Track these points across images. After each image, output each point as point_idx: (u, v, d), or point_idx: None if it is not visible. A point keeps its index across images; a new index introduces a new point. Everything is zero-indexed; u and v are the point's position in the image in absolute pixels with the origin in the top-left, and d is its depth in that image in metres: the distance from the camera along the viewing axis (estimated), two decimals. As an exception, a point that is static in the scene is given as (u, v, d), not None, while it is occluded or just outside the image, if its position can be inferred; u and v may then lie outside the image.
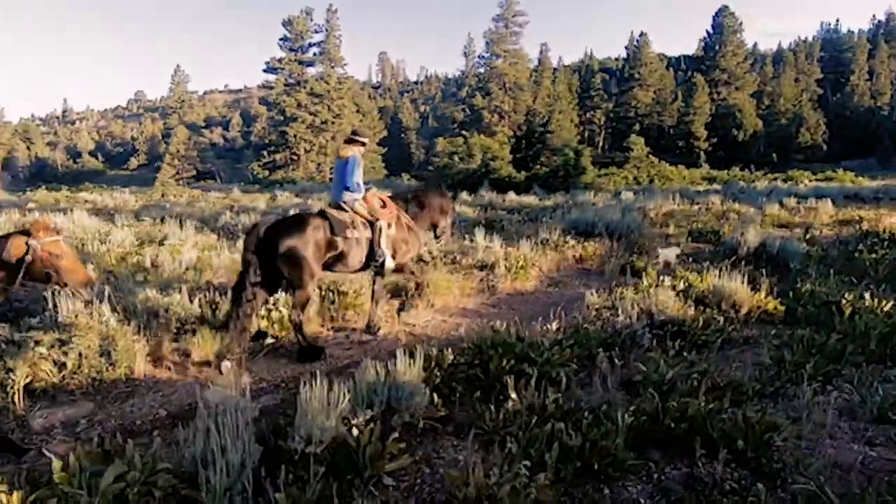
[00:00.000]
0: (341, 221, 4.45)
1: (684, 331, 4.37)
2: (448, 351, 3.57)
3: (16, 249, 2.88)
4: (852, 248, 7.85)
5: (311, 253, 4.17)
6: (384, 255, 4.63)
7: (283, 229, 4.20)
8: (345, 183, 4.61)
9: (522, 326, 4.20)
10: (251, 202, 14.57)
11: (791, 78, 51.20)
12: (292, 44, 37.26)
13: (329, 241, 4.33)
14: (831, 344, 4.11)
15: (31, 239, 2.92)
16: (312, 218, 4.38)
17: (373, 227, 4.61)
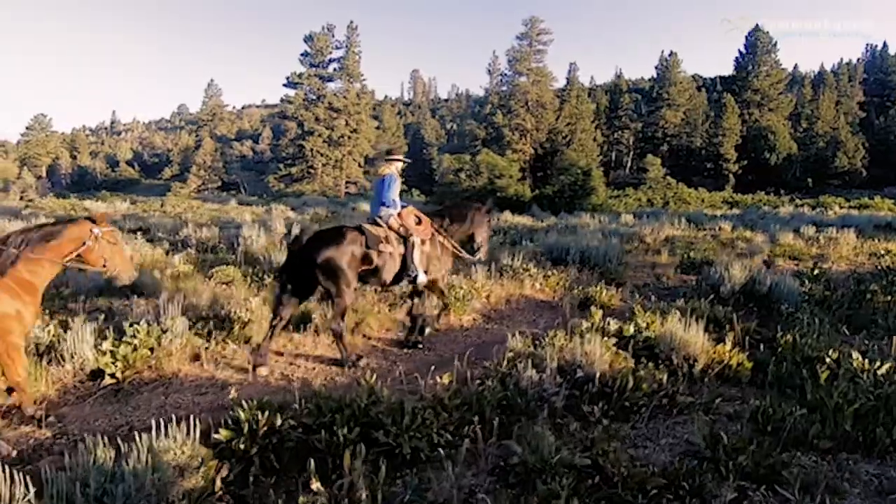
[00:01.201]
0: (376, 236, 4.60)
1: (607, 392, 3.53)
2: (277, 413, 2.85)
3: (78, 234, 3.25)
4: (865, 288, 6.76)
5: (346, 263, 4.34)
6: (416, 270, 4.72)
7: (322, 241, 4.40)
8: (381, 199, 4.80)
9: (424, 374, 3.48)
10: (237, 215, 14.27)
11: (831, 100, 48.84)
12: (313, 59, 37.74)
13: (364, 254, 4.48)
14: (793, 420, 3.21)
15: (94, 226, 3.31)
16: (349, 231, 4.54)
17: (406, 242, 4.70)
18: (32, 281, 3.15)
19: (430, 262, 4.87)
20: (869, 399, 3.40)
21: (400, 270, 4.69)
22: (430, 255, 4.89)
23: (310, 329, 4.72)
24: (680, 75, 52.88)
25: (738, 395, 3.90)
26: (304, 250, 4.34)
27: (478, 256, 5.46)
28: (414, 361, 4.43)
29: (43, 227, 3.28)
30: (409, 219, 4.84)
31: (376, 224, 4.76)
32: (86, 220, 3.38)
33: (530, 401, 3.44)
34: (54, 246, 3.20)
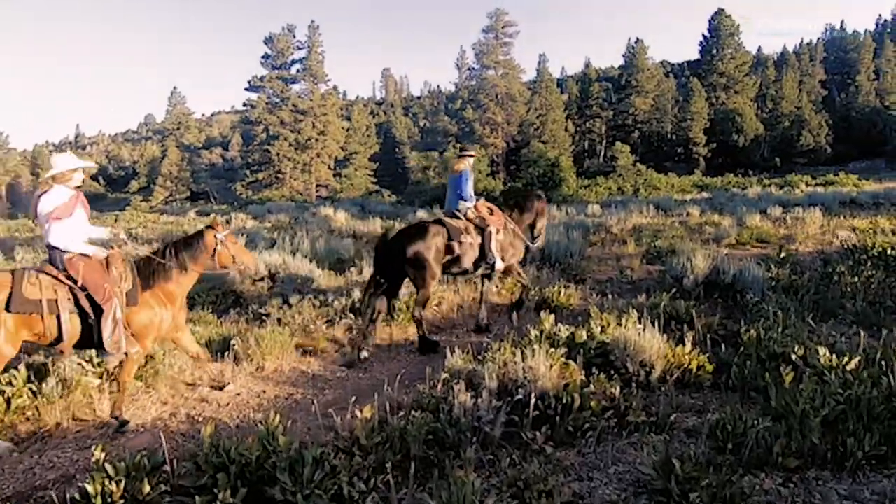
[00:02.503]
0: (457, 228, 4.99)
1: (550, 414, 3.11)
2: (146, 477, 2.36)
3: (210, 241, 3.73)
4: (832, 269, 6.52)
5: (432, 256, 4.74)
6: (494, 258, 5.08)
7: (409, 237, 4.80)
8: (459, 193, 5.18)
9: (351, 404, 3.03)
10: (192, 228, 13.54)
11: (794, 80, 49.57)
12: (274, 61, 36.69)
13: (447, 245, 4.88)
14: (756, 434, 2.84)
15: (216, 232, 3.76)
16: (432, 225, 4.94)
17: (483, 232, 5.08)
18: (174, 291, 3.62)
19: (504, 249, 5.23)
20: (838, 402, 3.06)
21: (478, 259, 5.08)
22: (504, 244, 5.25)
23: (228, 357, 4.21)
24: (647, 62, 53.11)
25: (699, 404, 3.54)
26: (392, 246, 4.80)
27: (537, 244, 5.78)
28: (343, 388, 3.97)
29: (183, 241, 3.78)
30: (484, 210, 5.24)
31: (455, 217, 5.14)
32: (208, 228, 3.82)
33: (463, 431, 3.01)
34: (194, 257, 3.69)
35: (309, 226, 12.18)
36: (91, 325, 3.24)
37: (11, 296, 3.06)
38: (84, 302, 3.24)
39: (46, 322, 3.14)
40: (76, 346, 3.34)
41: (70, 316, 3.20)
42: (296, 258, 6.87)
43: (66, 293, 3.22)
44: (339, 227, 11.86)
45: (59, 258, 3.29)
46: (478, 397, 3.18)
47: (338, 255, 8.62)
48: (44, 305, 3.13)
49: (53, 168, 3.33)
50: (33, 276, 3.18)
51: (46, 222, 3.28)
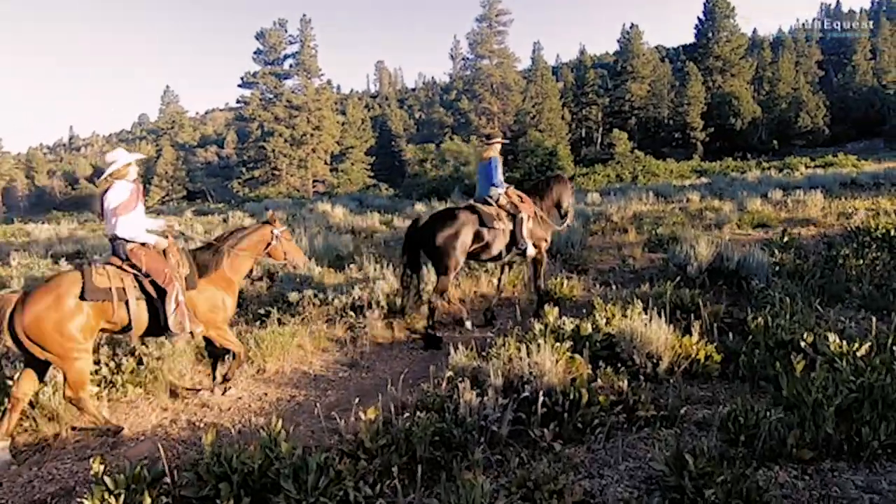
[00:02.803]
0: (489, 214, 5.03)
1: (557, 411, 3.05)
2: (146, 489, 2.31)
3: (266, 235, 4.02)
4: (836, 252, 6.45)
5: (460, 244, 4.81)
6: (526, 243, 5.16)
7: (439, 223, 4.83)
8: (491, 180, 5.24)
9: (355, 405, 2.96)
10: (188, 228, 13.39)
11: (790, 61, 49.23)
12: (266, 56, 36.29)
13: (477, 232, 4.93)
14: (769, 426, 2.78)
15: (274, 228, 4.07)
16: (462, 212, 4.98)
17: (515, 219, 5.14)
18: (232, 277, 3.92)
19: (533, 236, 5.31)
20: (850, 391, 3.00)
21: (508, 245, 5.14)
22: (534, 230, 5.32)
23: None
24: (643, 47, 52.67)
25: (708, 395, 3.49)
26: (423, 232, 4.86)
27: (566, 223, 5.88)
28: (346, 388, 3.91)
29: (241, 231, 4.06)
30: (515, 196, 5.31)
31: (487, 203, 5.16)
32: (265, 223, 4.15)
33: (469, 431, 2.95)
34: (250, 246, 4.00)
35: (306, 222, 12.07)
36: (157, 310, 3.53)
37: (84, 286, 3.31)
38: (148, 287, 3.52)
39: (117, 309, 3.42)
40: (145, 333, 3.60)
41: (137, 301, 3.48)
42: (294, 256, 6.77)
43: (132, 281, 3.50)
44: (336, 222, 11.76)
45: (122, 249, 3.54)
46: (483, 395, 3.12)
47: (336, 251, 8.54)
48: (113, 293, 3.39)
49: (111, 165, 3.57)
50: (101, 268, 3.46)
51: (113, 216, 3.51)
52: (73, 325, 3.23)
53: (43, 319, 3.14)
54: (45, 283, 3.37)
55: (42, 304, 3.18)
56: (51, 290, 3.26)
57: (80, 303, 3.28)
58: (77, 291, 3.29)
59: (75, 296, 3.28)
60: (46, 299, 3.20)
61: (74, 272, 3.42)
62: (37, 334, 3.14)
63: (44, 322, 3.14)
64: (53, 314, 3.17)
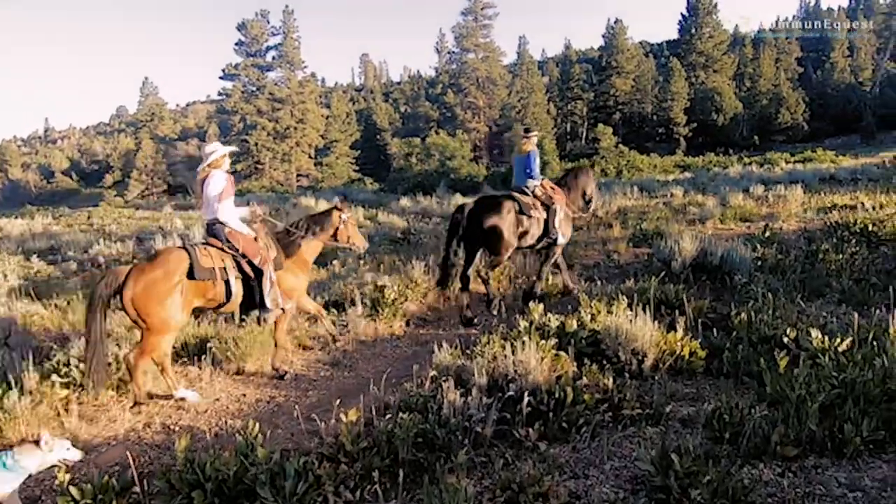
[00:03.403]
0: (527, 203, 5.36)
1: (542, 410, 3.01)
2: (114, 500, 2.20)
3: (335, 219, 4.36)
4: (817, 247, 6.52)
5: (507, 227, 5.14)
6: (557, 233, 5.49)
7: (486, 210, 5.17)
8: (529, 172, 5.56)
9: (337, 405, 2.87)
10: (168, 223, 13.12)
11: (771, 58, 49.84)
12: (248, 48, 35.59)
13: (518, 219, 5.23)
14: (753, 421, 2.77)
15: (342, 213, 4.37)
16: (506, 200, 5.27)
17: (549, 209, 5.47)
18: (308, 259, 4.30)
19: (564, 225, 5.60)
20: (833, 387, 3.01)
21: (541, 234, 5.45)
22: (563, 220, 5.61)
23: (206, 360, 4.02)
24: (627, 42, 52.88)
25: (693, 392, 3.48)
26: (470, 218, 5.17)
27: (591, 208, 6.27)
28: (328, 388, 3.82)
29: (313, 217, 4.43)
30: (549, 188, 5.65)
31: (523, 193, 5.47)
32: (335, 209, 4.45)
33: (453, 432, 2.89)
34: (321, 230, 4.34)
35: (290, 217, 11.87)
36: (251, 288, 3.83)
37: (192, 266, 3.54)
38: (246, 267, 3.82)
39: (217, 287, 3.68)
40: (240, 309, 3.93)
41: (236, 280, 3.76)
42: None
43: (231, 261, 3.78)
44: (320, 217, 11.60)
45: (222, 233, 3.82)
46: (467, 395, 3.06)
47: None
48: (216, 272, 3.67)
49: (210, 156, 3.86)
50: (204, 249, 3.72)
51: (215, 203, 3.80)
52: (175, 300, 3.48)
53: (150, 292, 3.39)
54: (153, 258, 3.63)
55: (150, 278, 3.42)
56: (160, 265, 3.51)
57: (185, 280, 3.52)
58: (184, 269, 3.53)
59: (182, 273, 3.52)
60: (156, 273, 3.45)
61: (180, 251, 3.65)
62: (142, 305, 3.39)
63: (150, 294, 3.39)
64: (161, 287, 3.42)
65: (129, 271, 3.48)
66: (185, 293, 3.52)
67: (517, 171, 5.80)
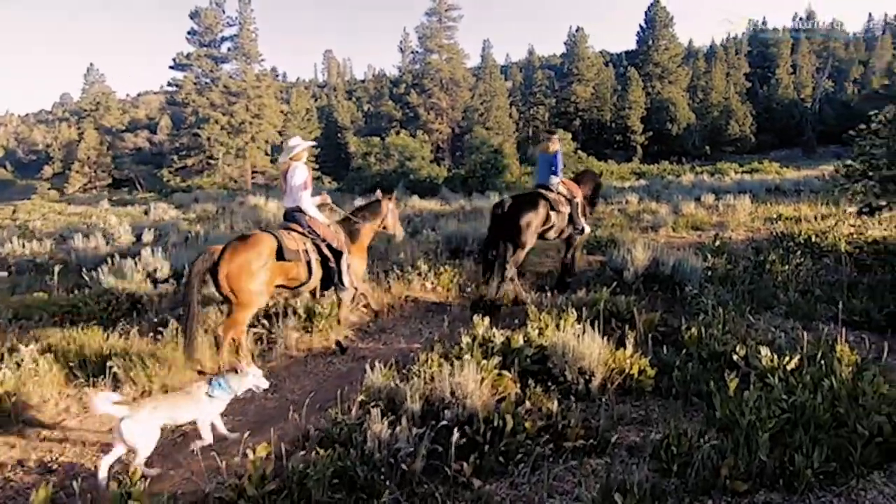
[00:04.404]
0: (555, 199, 5.72)
1: (479, 441, 2.71)
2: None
3: (384, 208, 4.88)
4: (764, 258, 6.57)
5: (537, 224, 5.49)
6: (582, 224, 6.01)
7: (524, 207, 5.49)
8: (553, 170, 5.91)
9: (255, 435, 2.46)
10: (102, 219, 12.11)
11: (722, 72, 52.08)
12: (202, 38, 33.98)
13: (547, 214, 5.61)
14: (701, 452, 2.57)
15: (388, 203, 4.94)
16: (539, 197, 5.63)
17: (571, 203, 5.91)
18: (364, 244, 4.62)
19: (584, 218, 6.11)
20: (783, 410, 2.86)
21: (566, 227, 5.88)
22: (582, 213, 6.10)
23: (105, 381, 3.51)
24: (588, 51, 53.99)
25: (641, 414, 3.27)
26: (508, 213, 5.46)
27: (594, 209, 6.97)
28: (244, 414, 3.40)
29: (366, 206, 4.80)
30: (570, 185, 6.12)
31: (549, 190, 5.82)
32: (384, 198, 4.85)
33: (377, 468, 2.55)
34: (374, 218, 4.70)
35: (234, 217, 11.21)
36: (328, 269, 4.21)
37: (280, 248, 3.90)
38: (325, 250, 4.20)
39: (299, 268, 4.03)
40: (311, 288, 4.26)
41: (316, 262, 4.13)
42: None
43: (311, 245, 4.15)
44: (268, 217, 10.98)
45: (303, 219, 4.22)
46: (398, 423, 2.73)
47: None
48: (301, 254, 4.02)
49: (292, 149, 4.24)
50: (288, 233, 4.08)
51: (298, 192, 4.20)
52: (263, 278, 3.82)
53: (243, 270, 3.71)
54: (244, 239, 3.90)
55: (245, 258, 3.75)
56: (253, 246, 3.83)
57: (273, 261, 3.87)
58: (273, 251, 3.89)
59: (271, 254, 3.87)
60: (250, 253, 3.78)
61: (267, 234, 4.00)
62: (235, 281, 3.70)
63: (243, 272, 3.71)
64: (253, 266, 3.75)
65: (222, 250, 3.76)
66: (271, 272, 3.87)
67: (541, 169, 6.12)
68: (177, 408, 2.85)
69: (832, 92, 51.43)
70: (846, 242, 7.18)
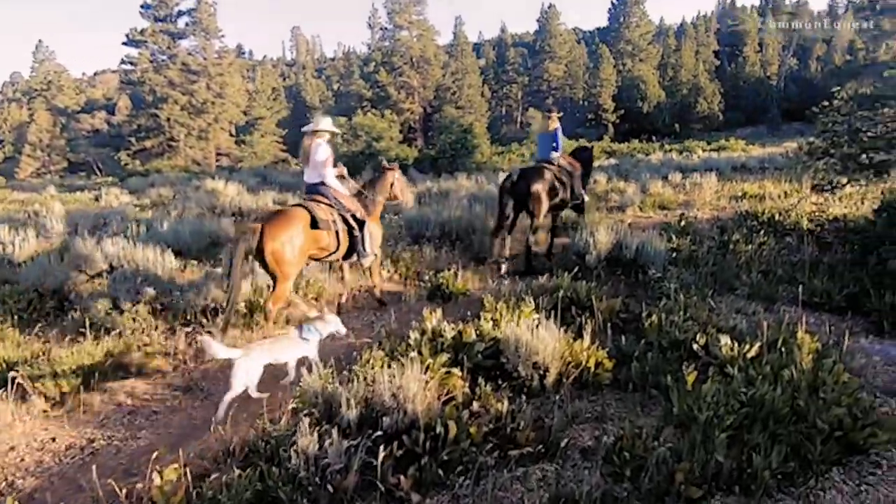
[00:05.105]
0: (557, 172, 6.17)
1: (418, 452, 2.48)
2: None
3: (391, 178, 5.11)
4: (728, 238, 6.49)
5: (546, 193, 5.97)
6: (583, 194, 6.65)
7: (531, 177, 5.95)
8: (554, 146, 6.36)
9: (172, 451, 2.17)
10: (45, 206, 11.30)
11: (692, 50, 52.30)
12: (157, 12, 32.12)
13: (553, 185, 6.06)
14: (656, 455, 2.40)
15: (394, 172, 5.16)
16: (546, 169, 6.08)
17: (572, 176, 6.39)
18: (376, 214, 4.97)
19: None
20: (742, 404, 2.72)
21: (569, 197, 6.40)
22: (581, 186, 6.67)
23: (8, 395, 3.13)
24: (560, 28, 53.42)
25: (597, 410, 3.09)
26: (518, 184, 5.89)
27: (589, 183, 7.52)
28: (168, 425, 3.09)
29: (374, 179, 5.11)
30: (569, 159, 6.68)
31: (550, 163, 6.26)
32: (388, 170, 5.11)
33: (304, 487, 2.30)
34: (383, 190, 5.02)
35: (188, 202, 10.61)
36: (352, 238, 4.48)
37: (313, 218, 4.17)
38: (350, 220, 4.47)
39: (329, 237, 4.30)
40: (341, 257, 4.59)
41: (342, 231, 4.40)
42: (147, 246, 5.65)
43: (337, 215, 4.41)
44: (225, 202, 10.44)
45: (328, 192, 4.46)
46: (328, 436, 2.48)
47: (213, 238, 7.44)
48: (330, 224, 4.29)
49: (319, 126, 4.46)
50: (316, 205, 4.31)
51: (322, 168, 4.45)
52: (304, 248, 4.11)
53: (286, 245, 3.97)
54: (281, 215, 4.13)
55: (287, 234, 3.99)
56: (292, 220, 4.08)
57: (309, 231, 4.15)
58: (308, 221, 4.16)
59: (307, 225, 4.15)
60: (291, 229, 4.03)
61: (298, 207, 4.28)
62: (280, 256, 3.93)
63: (287, 244, 3.97)
64: (297, 239, 4.04)
65: (262, 228, 3.91)
66: (307, 243, 4.13)
67: (542, 145, 6.59)
68: (278, 350, 3.36)
69: (797, 70, 52.33)
70: (808, 220, 7.18)
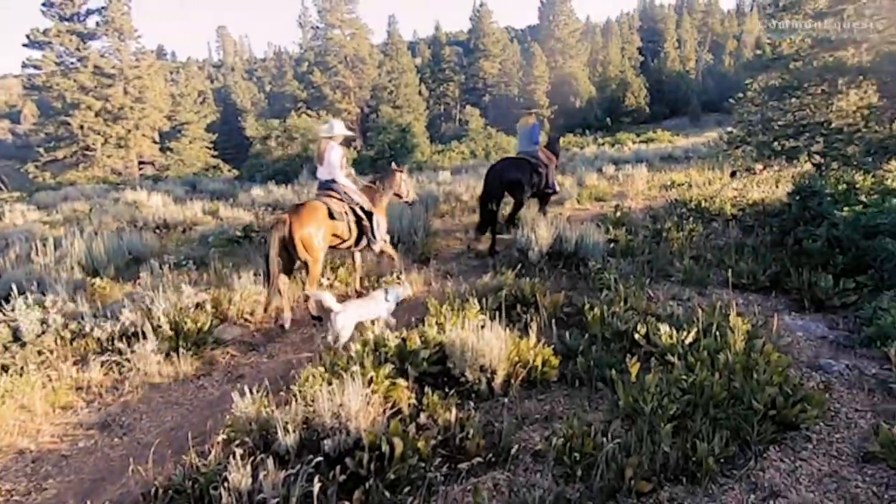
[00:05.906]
0: (536, 163, 6.85)
1: (362, 475, 2.33)
2: None
3: (398, 178, 5.61)
4: (661, 226, 6.75)
5: (527, 182, 6.66)
6: (555, 184, 7.32)
7: (511, 168, 6.68)
8: (533, 140, 7.11)
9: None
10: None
11: (618, 47, 54.78)
12: (61, 10, 29.46)
13: (531, 174, 6.74)
14: (605, 452, 2.38)
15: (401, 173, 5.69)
16: (525, 161, 6.80)
17: (547, 167, 7.00)
18: (384, 206, 5.47)
19: None
20: (683, 391, 2.77)
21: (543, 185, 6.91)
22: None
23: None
24: (493, 26, 54.24)
25: (546, 409, 3.06)
26: (496, 174, 6.49)
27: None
28: (80, 471, 2.71)
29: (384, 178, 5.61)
30: (547, 152, 7.25)
31: (530, 156, 6.83)
32: (396, 170, 5.70)
33: (237, 526, 2.09)
34: (390, 186, 5.55)
35: (104, 216, 9.77)
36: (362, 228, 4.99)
37: (330, 210, 4.72)
38: (360, 212, 4.96)
39: (343, 226, 4.82)
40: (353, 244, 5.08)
41: (354, 222, 4.92)
42: (58, 266, 5.09)
43: (348, 208, 4.91)
44: (147, 215, 9.70)
45: (340, 189, 4.95)
46: (267, 463, 2.27)
47: (135, 253, 6.87)
48: (344, 215, 4.84)
49: (332, 130, 5.00)
50: (329, 199, 4.82)
51: (335, 168, 4.97)
52: (327, 235, 4.62)
53: (314, 232, 4.49)
54: (303, 207, 4.63)
55: (315, 222, 4.53)
56: (314, 210, 4.61)
57: (328, 220, 4.65)
58: (326, 213, 4.67)
59: (325, 216, 4.66)
60: (316, 218, 4.57)
61: (316, 201, 4.79)
62: (308, 242, 4.44)
63: (315, 233, 4.49)
64: (323, 228, 4.57)
65: (290, 220, 4.39)
66: (328, 230, 4.63)
67: (522, 139, 7.27)
68: (366, 308, 3.90)
69: (712, 64, 55.97)
70: (731, 206, 7.60)
